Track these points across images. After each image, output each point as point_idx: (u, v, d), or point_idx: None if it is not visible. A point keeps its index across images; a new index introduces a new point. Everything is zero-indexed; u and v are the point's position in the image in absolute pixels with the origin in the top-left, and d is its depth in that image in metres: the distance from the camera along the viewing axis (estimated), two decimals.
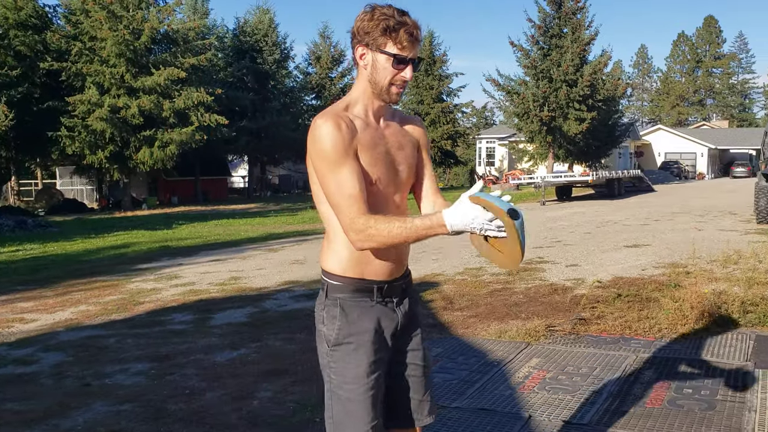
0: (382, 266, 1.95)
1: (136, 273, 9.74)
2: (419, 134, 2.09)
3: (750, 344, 4.72)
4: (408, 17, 1.85)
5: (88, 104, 27.51)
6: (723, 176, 54.17)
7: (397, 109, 2.09)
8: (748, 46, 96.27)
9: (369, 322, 1.94)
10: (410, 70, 1.88)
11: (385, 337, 1.97)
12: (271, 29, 40.97)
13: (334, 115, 1.85)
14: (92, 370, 4.74)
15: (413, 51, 1.86)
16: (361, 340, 1.92)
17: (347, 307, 1.93)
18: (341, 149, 1.82)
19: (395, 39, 1.83)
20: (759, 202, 13.18)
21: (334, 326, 1.93)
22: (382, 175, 1.91)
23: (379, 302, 1.96)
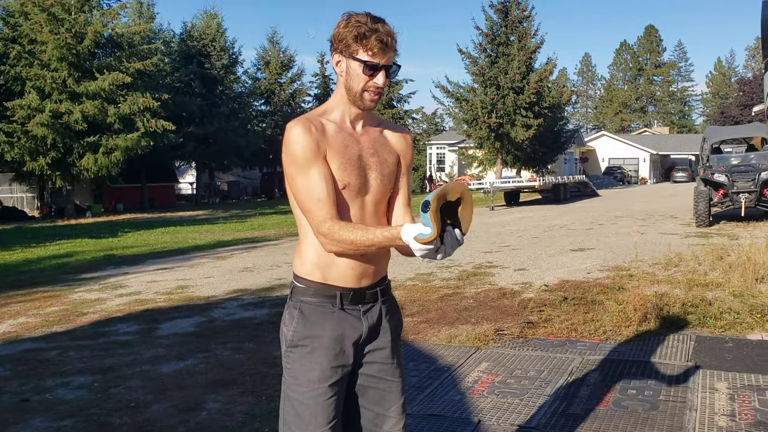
0: (348, 272, 1.93)
1: (79, 283, 9.47)
2: (402, 146, 2.07)
3: (690, 345, 4.86)
4: (382, 24, 1.86)
5: (28, 109, 26.65)
6: (664, 181, 55.93)
7: (387, 120, 2.11)
8: (686, 55, 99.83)
9: (327, 327, 1.92)
10: (382, 77, 1.87)
11: (346, 345, 1.93)
12: (219, 34, 40.48)
13: (305, 120, 1.89)
14: (31, 384, 4.58)
15: (385, 57, 1.86)
16: (316, 344, 1.91)
17: (306, 310, 1.94)
18: (310, 153, 1.85)
19: (366, 46, 1.84)
20: (698, 206, 13.63)
21: (291, 327, 1.95)
22: (352, 179, 1.90)
23: (343, 309, 1.94)
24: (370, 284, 1.98)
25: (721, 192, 14.06)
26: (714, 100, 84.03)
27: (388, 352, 2.02)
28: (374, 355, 2.00)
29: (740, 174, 13.79)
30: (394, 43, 1.88)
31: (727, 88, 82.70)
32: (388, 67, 1.89)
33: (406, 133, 2.12)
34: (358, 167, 1.92)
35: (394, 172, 2.02)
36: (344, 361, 1.93)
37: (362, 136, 1.97)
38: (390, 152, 2.02)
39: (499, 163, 34.63)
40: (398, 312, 2.11)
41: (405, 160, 2.07)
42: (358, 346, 1.96)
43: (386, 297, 2.05)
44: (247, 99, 42.97)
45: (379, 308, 2.01)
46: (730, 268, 7.59)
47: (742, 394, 3.84)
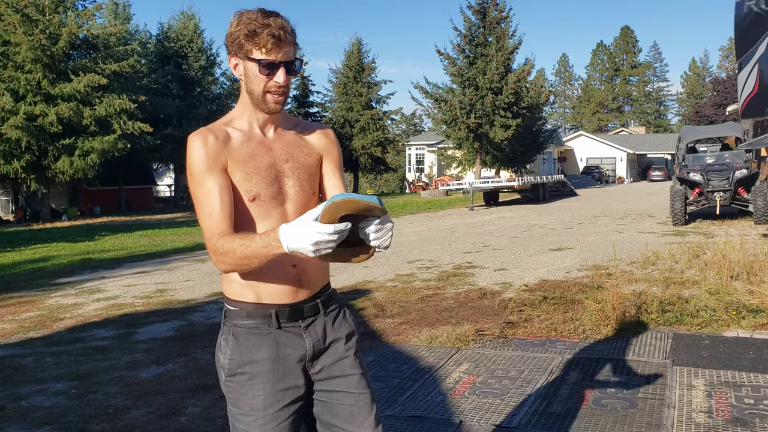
0: (280, 287, 1.80)
1: (55, 288, 9.35)
2: (323, 144, 1.93)
3: (668, 342, 4.92)
4: (274, 18, 1.72)
5: (2, 112, 26.27)
6: (641, 180, 56.56)
7: (303, 120, 1.98)
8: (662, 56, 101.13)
9: (265, 350, 1.79)
10: (282, 74, 1.73)
11: (290, 365, 1.81)
12: (197, 35, 40.21)
13: (205, 130, 1.79)
14: (7, 391, 4.51)
15: (282, 53, 1.72)
16: (255, 371, 1.79)
17: (240, 334, 1.81)
18: (204, 165, 1.74)
19: (258, 43, 1.70)
20: (674, 205, 13.80)
21: (227, 355, 1.82)
22: (261, 189, 1.78)
23: (280, 328, 1.81)
24: (308, 297, 1.85)
25: (697, 191, 14.25)
26: (689, 99, 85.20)
27: (347, 363, 1.88)
28: (332, 370, 1.86)
29: (715, 173, 13.99)
30: (291, 36, 1.74)
31: (701, 88, 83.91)
32: (289, 63, 1.74)
33: (326, 129, 1.98)
34: (269, 176, 1.79)
35: (316, 174, 1.90)
36: (292, 383, 1.81)
37: (275, 141, 1.84)
38: (309, 153, 1.89)
39: (478, 163, 34.78)
40: (349, 320, 1.95)
41: (330, 157, 1.94)
42: (307, 364, 1.84)
43: (330, 307, 1.91)
44: (226, 100, 42.66)
45: (322, 321, 1.87)
46: (706, 266, 7.69)
47: (718, 390, 3.89)
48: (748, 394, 3.82)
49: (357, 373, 1.89)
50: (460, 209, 24.59)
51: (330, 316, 1.90)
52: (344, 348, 1.89)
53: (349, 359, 1.89)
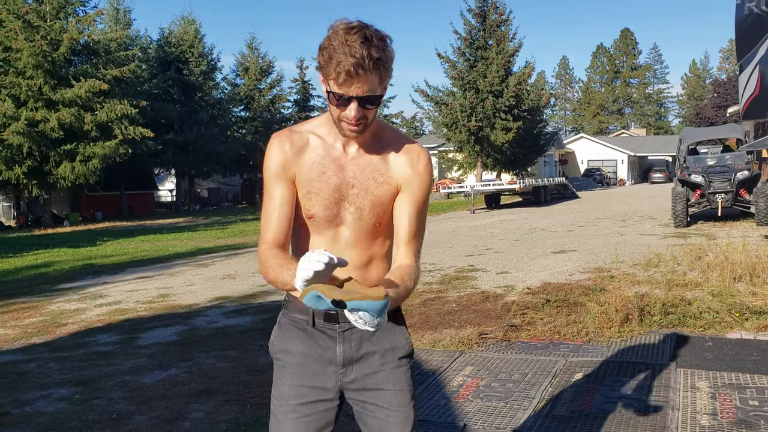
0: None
1: (58, 293, 9.35)
2: (406, 175, 1.78)
3: (671, 345, 4.91)
4: (357, 45, 1.54)
5: (4, 117, 26.28)
6: (642, 182, 56.56)
7: (402, 138, 1.82)
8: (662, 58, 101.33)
9: (299, 344, 1.83)
10: (354, 108, 1.60)
11: (320, 365, 1.82)
12: (197, 40, 40.26)
13: (287, 134, 1.78)
14: (11, 397, 4.51)
15: (355, 87, 1.57)
16: (287, 361, 1.84)
17: (284, 324, 1.88)
18: (274, 172, 1.75)
19: (330, 75, 1.58)
20: (676, 207, 13.79)
21: (272, 339, 1.91)
22: (318, 211, 1.76)
23: (314, 326, 1.82)
24: None
25: (698, 192, 14.25)
26: (689, 101, 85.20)
27: (380, 377, 1.82)
28: (365, 382, 1.82)
29: (716, 174, 13.99)
30: (375, 66, 1.56)
31: (702, 90, 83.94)
32: (363, 98, 1.60)
33: (420, 155, 1.80)
34: (330, 199, 1.75)
35: (387, 204, 1.78)
36: (320, 383, 1.82)
37: (351, 161, 1.76)
38: (383, 182, 1.77)
39: (479, 166, 34.79)
40: (397, 335, 1.87)
41: (409, 190, 1.78)
42: (340, 368, 1.82)
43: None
44: (227, 105, 42.76)
45: (361, 330, 1.77)
46: (709, 268, 7.69)
47: (723, 392, 3.89)
48: (753, 395, 3.81)
49: (392, 389, 1.82)
50: (461, 212, 24.59)
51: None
52: (380, 362, 1.83)
53: (383, 374, 1.83)
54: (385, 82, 1.64)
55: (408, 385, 1.85)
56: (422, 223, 1.83)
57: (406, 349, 1.88)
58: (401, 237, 1.79)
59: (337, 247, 1.78)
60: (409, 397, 1.85)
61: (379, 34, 1.59)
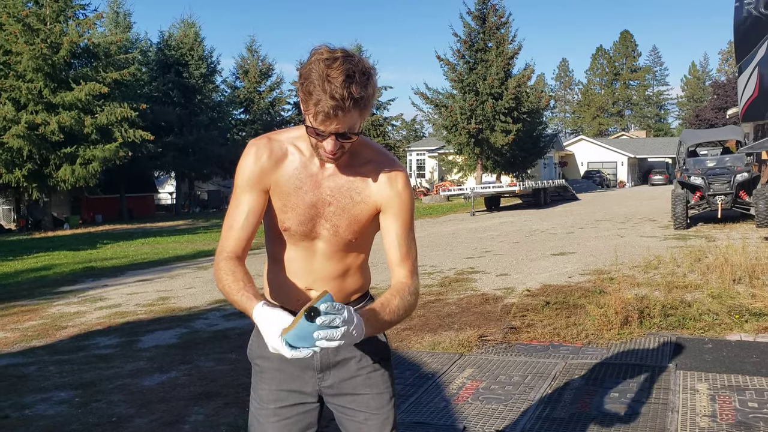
0: (291, 295, 1.79)
1: (58, 296, 9.35)
2: (384, 195, 1.74)
3: (671, 347, 4.91)
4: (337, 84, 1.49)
5: (4, 121, 26.32)
6: (642, 184, 56.54)
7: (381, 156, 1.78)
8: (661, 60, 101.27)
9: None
10: (330, 143, 1.58)
11: (298, 370, 1.80)
12: (197, 43, 40.29)
13: (265, 142, 1.74)
14: (11, 401, 4.51)
15: (333, 126, 1.54)
16: (265, 366, 1.84)
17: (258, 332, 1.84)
18: (248, 179, 1.72)
19: (309, 111, 1.55)
20: (675, 209, 13.79)
21: (249, 344, 1.91)
22: (293, 225, 1.73)
23: None
24: None
25: (698, 194, 14.26)
26: (689, 103, 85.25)
27: (358, 381, 1.81)
28: (342, 386, 1.82)
29: (716, 176, 14.00)
30: (352, 106, 1.52)
31: (701, 92, 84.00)
32: (341, 134, 1.57)
33: (398, 175, 1.76)
34: (306, 214, 1.72)
35: (363, 222, 1.75)
36: (298, 387, 1.82)
37: (328, 178, 1.72)
38: (361, 201, 1.73)
39: (479, 168, 34.81)
40: (374, 339, 1.82)
41: (391, 210, 1.75)
42: (317, 373, 1.81)
43: None
44: (227, 108, 42.80)
45: None
46: (708, 270, 7.69)
47: (722, 394, 3.89)
48: (752, 397, 3.82)
49: (370, 393, 1.82)
50: (461, 214, 24.60)
51: None
52: (357, 366, 1.82)
53: (360, 378, 1.82)
54: (365, 116, 1.61)
55: (386, 387, 1.85)
56: (412, 242, 1.80)
57: (384, 353, 1.87)
58: (393, 259, 1.77)
59: (312, 259, 1.78)
60: (387, 398, 1.84)
61: (362, 68, 1.54)
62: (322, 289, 1.59)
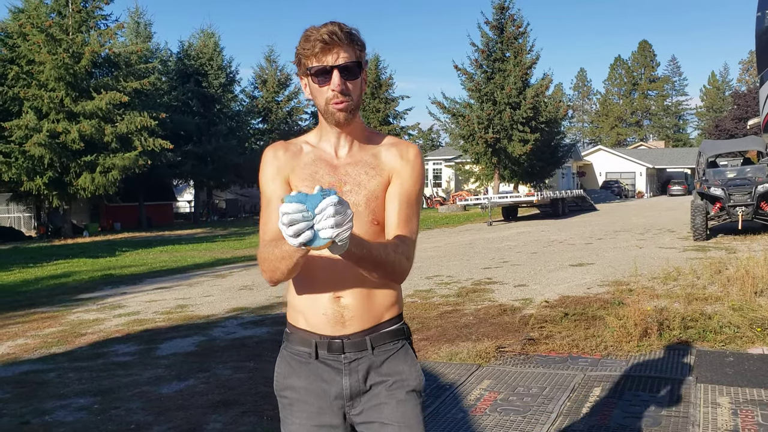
0: (324, 317, 1.70)
1: (77, 303, 9.44)
2: (396, 164, 1.73)
3: (691, 359, 4.86)
4: (326, 25, 1.63)
5: (26, 129, 26.68)
6: (661, 194, 56.08)
7: (395, 138, 1.79)
8: (680, 70, 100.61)
9: (302, 379, 1.73)
10: (336, 77, 1.61)
11: (325, 402, 1.71)
12: (216, 53, 40.64)
13: (279, 143, 1.81)
14: (31, 407, 4.55)
15: (332, 56, 1.61)
16: (293, 397, 1.75)
17: (286, 358, 1.78)
18: (270, 175, 1.75)
19: (310, 53, 1.62)
20: (695, 220, 13.66)
21: (275, 375, 1.82)
22: None
23: (318, 359, 1.71)
24: (355, 331, 1.70)
25: (718, 205, 14.11)
26: (708, 113, 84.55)
27: (386, 409, 1.69)
28: (370, 414, 1.71)
29: (736, 187, 13.85)
30: (346, 38, 1.62)
31: (721, 102, 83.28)
32: (343, 67, 1.62)
33: (408, 146, 1.77)
34: None
35: (380, 197, 1.71)
36: (327, 421, 1.71)
37: (342, 162, 1.73)
38: (376, 174, 1.72)
39: (496, 178, 34.72)
40: (406, 367, 1.74)
41: (398, 179, 1.72)
42: (346, 404, 1.72)
43: (384, 346, 1.72)
44: (245, 117, 43.07)
45: (369, 360, 1.70)
46: (729, 282, 7.60)
47: (744, 408, 3.84)
48: None
49: (397, 424, 1.69)
50: (478, 224, 24.52)
51: (380, 356, 1.72)
52: (386, 393, 1.71)
53: (389, 405, 1.70)
54: (361, 59, 1.66)
55: (417, 420, 1.72)
56: (414, 216, 1.72)
57: (416, 383, 1.75)
58: (390, 224, 1.69)
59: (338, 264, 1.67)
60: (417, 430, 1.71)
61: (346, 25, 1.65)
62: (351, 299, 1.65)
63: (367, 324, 1.71)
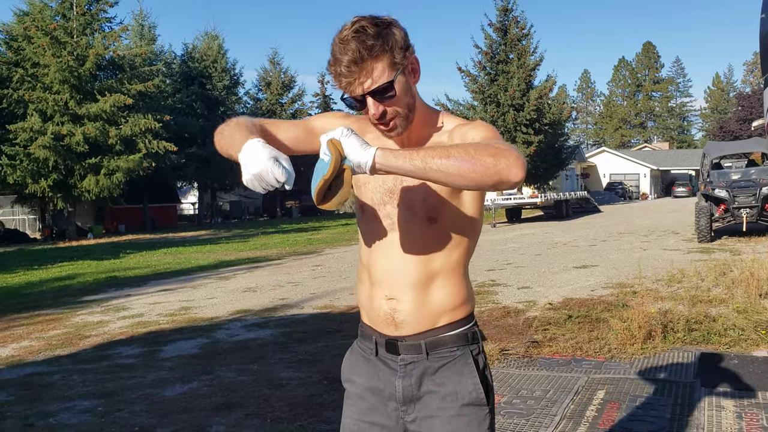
0: (380, 317, 1.62)
1: (81, 305, 9.46)
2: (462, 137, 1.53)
3: (695, 362, 4.84)
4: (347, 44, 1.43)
5: (31, 132, 26.80)
6: (665, 196, 56.00)
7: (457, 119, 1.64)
8: (684, 71, 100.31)
9: (362, 375, 1.68)
10: (373, 107, 1.48)
11: (380, 401, 1.65)
12: (220, 55, 40.78)
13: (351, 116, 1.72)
14: (35, 409, 4.56)
15: (360, 83, 1.45)
16: (350, 390, 1.71)
17: (354, 350, 1.74)
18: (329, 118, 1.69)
19: (337, 84, 1.49)
20: (699, 222, 13.63)
21: (342, 364, 1.77)
22: (367, 207, 1.63)
23: (378, 356, 1.65)
24: (411, 333, 1.59)
25: (722, 207, 14.07)
26: (713, 115, 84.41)
27: (436, 423, 1.58)
28: (422, 425, 1.60)
29: (741, 189, 13.81)
30: (368, 53, 1.43)
31: (725, 103, 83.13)
32: (373, 91, 1.46)
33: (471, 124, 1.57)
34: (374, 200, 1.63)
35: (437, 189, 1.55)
36: (380, 419, 1.64)
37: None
38: None
39: None
40: (463, 378, 1.59)
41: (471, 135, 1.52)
42: (401, 406, 1.62)
43: (441, 353, 1.59)
44: None
45: (423, 365, 1.59)
46: (733, 284, 7.58)
47: (749, 412, 3.82)
48: None
49: None
50: (483, 226, 24.47)
51: (436, 363, 1.59)
52: (438, 405, 1.58)
53: (439, 420, 1.57)
54: (395, 66, 1.47)
55: None
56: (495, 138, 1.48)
57: (473, 396, 1.58)
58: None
59: (390, 257, 1.60)
60: None
61: (375, 21, 1.46)
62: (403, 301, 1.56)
63: (423, 327, 1.59)
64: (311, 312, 7.82)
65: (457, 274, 1.61)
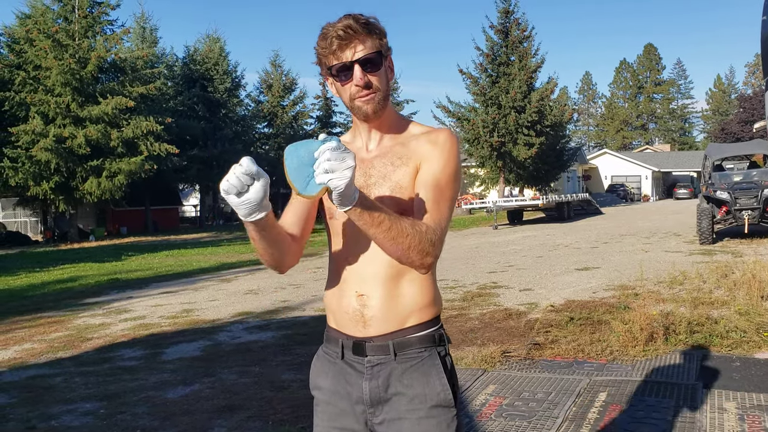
0: (347, 316, 1.63)
1: (83, 308, 9.47)
2: (424, 151, 1.58)
3: (697, 364, 4.84)
4: (342, 19, 1.55)
5: (33, 134, 26.85)
6: (667, 198, 55.97)
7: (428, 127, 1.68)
8: (686, 73, 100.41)
9: (328, 379, 1.68)
10: (358, 71, 1.54)
11: (348, 405, 1.64)
12: (222, 57, 40.84)
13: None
14: (37, 411, 4.57)
15: (351, 50, 1.54)
16: (319, 397, 1.70)
17: (319, 356, 1.74)
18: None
19: (328, 51, 1.55)
20: (701, 224, 13.62)
21: (310, 373, 1.77)
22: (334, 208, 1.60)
23: (344, 359, 1.65)
24: (378, 334, 1.59)
25: (724, 209, 14.06)
26: (714, 116, 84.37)
27: (405, 426, 1.57)
28: (390, 427, 1.59)
29: (743, 191, 13.80)
30: (364, 29, 1.54)
31: (727, 105, 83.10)
32: (364, 59, 1.54)
33: (440, 131, 1.62)
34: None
35: (408, 190, 1.57)
36: (349, 424, 1.64)
37: (372, 155, 1.65)
38: (401, 164, 1.59)
39: (501, 181, 34.69)
40: (431, 379, 1.59)
41: (427, 164, 1.57)
42: (367, 410, 1.61)
43: (409, 353, 1.60)
44: (250, 122, 43.24)
45: (391, 366, 1.59)
46: (735, 286, 7.57)
47: (751, 414, 3.82)
48: None
49: None
50: (483, 228, 24.51)
51: (403, 364, 1.59)
52: (406, 406, 1.57)
53: (408, 421, 1.57)
54: (382, 48, 1.58)
55: None
56: (441, 199, 1.55)
57: (441, 397, 1.58)
58: (415, 209, 1.54)
59: (359, 252, 1.60)
60: None
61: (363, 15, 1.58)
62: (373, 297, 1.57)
63: (391, 327, 1.59)
64: (313, 314, 7.82)
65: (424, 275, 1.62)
